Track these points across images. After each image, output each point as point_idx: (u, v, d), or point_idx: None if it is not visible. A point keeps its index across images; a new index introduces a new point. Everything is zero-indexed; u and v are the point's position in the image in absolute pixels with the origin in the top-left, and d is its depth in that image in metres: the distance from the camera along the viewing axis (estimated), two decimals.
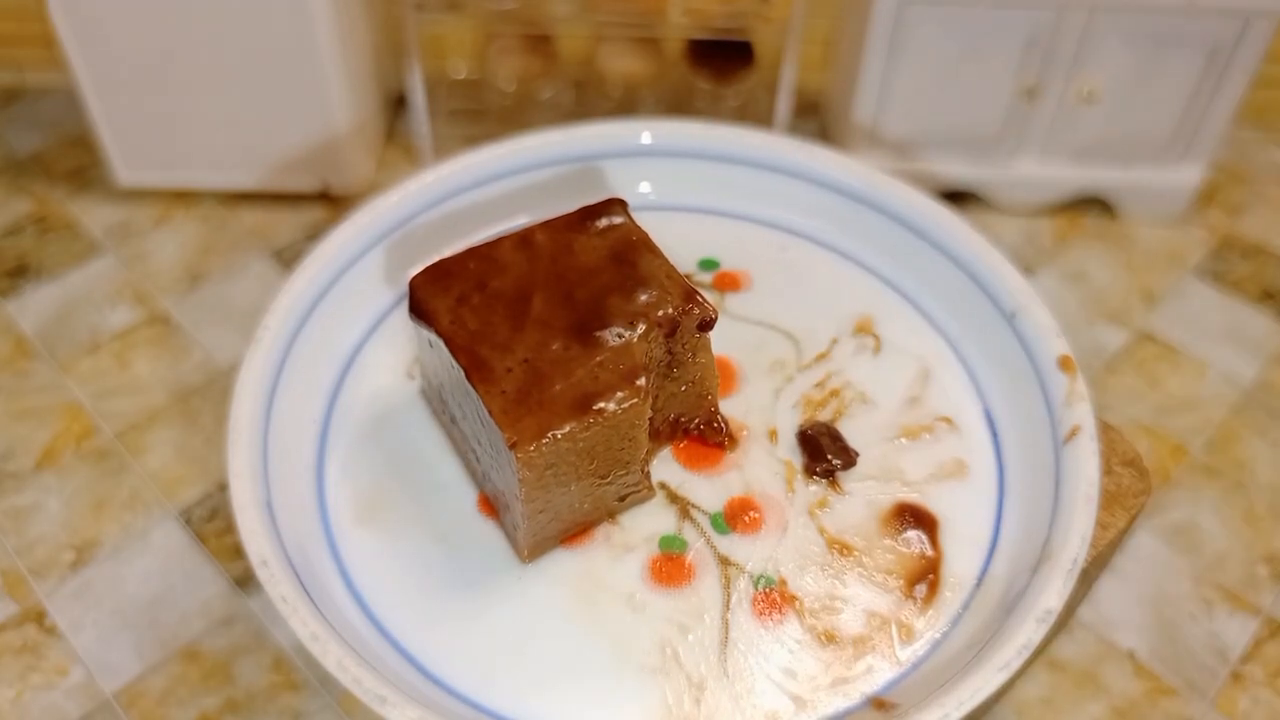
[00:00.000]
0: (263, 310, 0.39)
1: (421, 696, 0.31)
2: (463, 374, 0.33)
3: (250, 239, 0.75)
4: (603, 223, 0.37)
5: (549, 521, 0.34)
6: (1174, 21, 0.71)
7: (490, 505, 0.37)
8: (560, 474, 0.33)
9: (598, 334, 0.34)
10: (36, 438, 0.61)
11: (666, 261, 0.36)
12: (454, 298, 0.35)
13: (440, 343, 0.34)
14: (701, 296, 0.35)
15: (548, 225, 0.37)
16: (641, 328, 0.34)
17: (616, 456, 0.34)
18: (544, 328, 0.34)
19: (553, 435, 0.31)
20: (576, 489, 0.34)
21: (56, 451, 0.60)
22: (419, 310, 0.35)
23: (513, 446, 0.31)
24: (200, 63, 0.68)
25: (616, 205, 0.38)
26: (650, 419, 0.35)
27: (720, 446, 0.38)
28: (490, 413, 0.32)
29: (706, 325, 0.35)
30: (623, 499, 0.36)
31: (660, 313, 0.34)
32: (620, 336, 0.34)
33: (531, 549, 0.35)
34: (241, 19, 0.66)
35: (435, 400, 0.39)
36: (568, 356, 0.33)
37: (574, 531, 0.36)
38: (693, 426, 0.38)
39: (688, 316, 0.35)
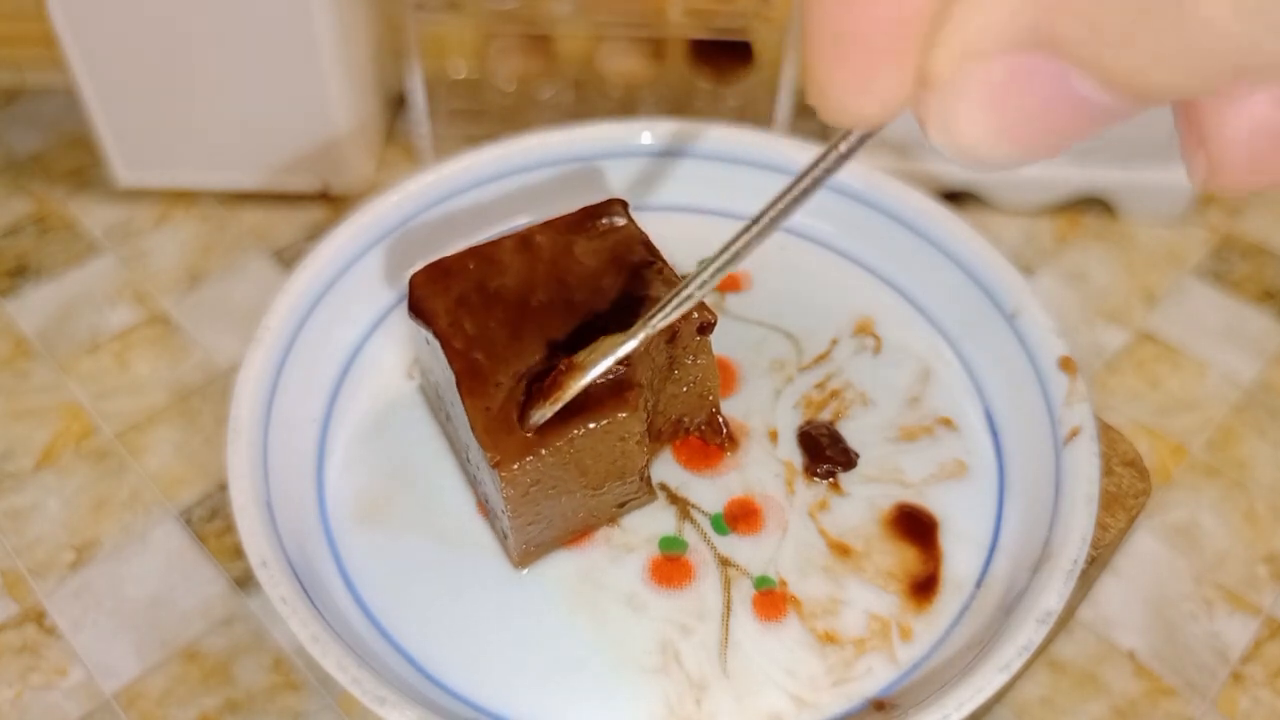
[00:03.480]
0: (263, 310, 0.39)
1: (421, 697, 0.31)
2: (454, 382, 0.33)
3: (250, 239, 0.75)
4: (604, 224, 0.37)
5: (541, 530, 0.34)
6: None
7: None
8: (548, 489, 0.32)
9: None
10: (36, 438, 0.61)
11: (667, 265, 0.36)
12: (453, 298, 0.35)
13: (437, 344, 0.34)
14: (701, 302, 0.35)
15: (549, 226, 0.37)
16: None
17: (609, 469, 0.34)
18: (541, 334, 0.34)
19: (537, 453, 0.31)
20: (568, 500, 0.33)
21: (56, 451, 0.60)
22: (418, 309, 0.35)
23: (496, 465, 0.31)
24: (200, 63, 0.68)
25: (617, 206, 0.38)
26: (652, 421, 0.35)
27: (720, 447, 0.38)
28: (474, 429, 0.31)
29: (706, 329, 0.35)
30: (622, 505, 0.36)
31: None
32: None
33: (522, 556, 0.35)
34: (241, 19, 0.66)
35: (432, 396, 0.39)
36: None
37: (570, 537, 0.35)
38: (693, 427, 0.38)
39: (687, 322, 0.34)
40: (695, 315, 0.35)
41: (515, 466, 0.31)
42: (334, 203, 0.77)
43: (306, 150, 0.72)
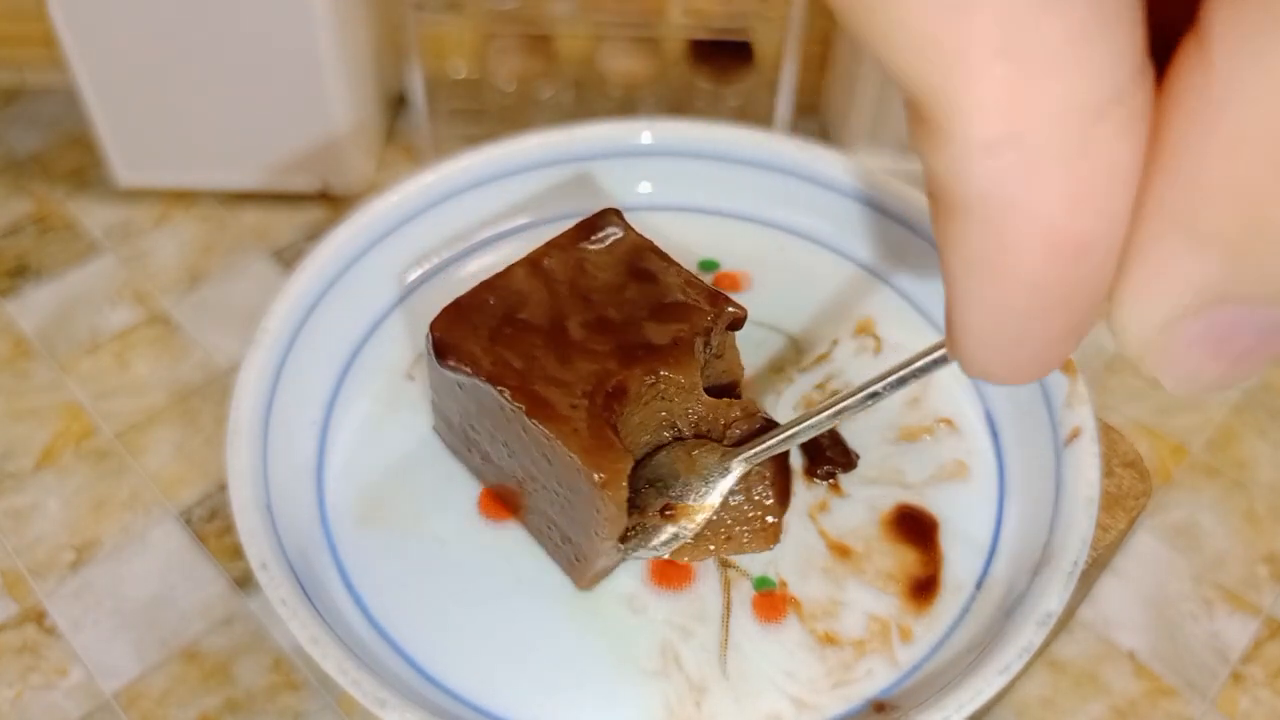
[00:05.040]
0: (263, 310, 0.39)
1: (421, 699, 0.31)
2: (523, 417, 0.31)
3: (250, 239, 0.75)
4: (604, 235, 0.37)
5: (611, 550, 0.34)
6: None
7: (492, 507, 0.37)
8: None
9: (644, 354, 0.33)
10: (36, 438, 0.61)
11: (680, 267, 0.36)
12: (485, 337, 0.33)
13: (484, 386, 0.32)
14: (726, 296, 0.35)
15: (551, 246, 0.36)
16: (682, 343, 0.33)
17: None
18: (588, 356, 0.33)
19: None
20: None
21: (56, 451, 0.60)
22: (452, 354, 0.33)
23: (604, 486, 0.30)
24: (200, 63, 0.68)
25: (612, 216, 0.37)
26: None
27: None
28: (572, 452, 0.30)
29: (736, 325, 0.35)
30: None
31: (694, 322, 0.34)
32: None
33: (594, 578, 0.34)
34: (241, 19, 0.66)
35: (456, 440, 0.38)
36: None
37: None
38: None
39: (719, 319, 0.34)
40: (728, 311, 0.34)
41: (624, 484, 0.30)
42: (334, 203, 0.77)
43: (306, 150, 0.72)
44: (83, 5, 0.65)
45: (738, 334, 0.42)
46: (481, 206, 0.45)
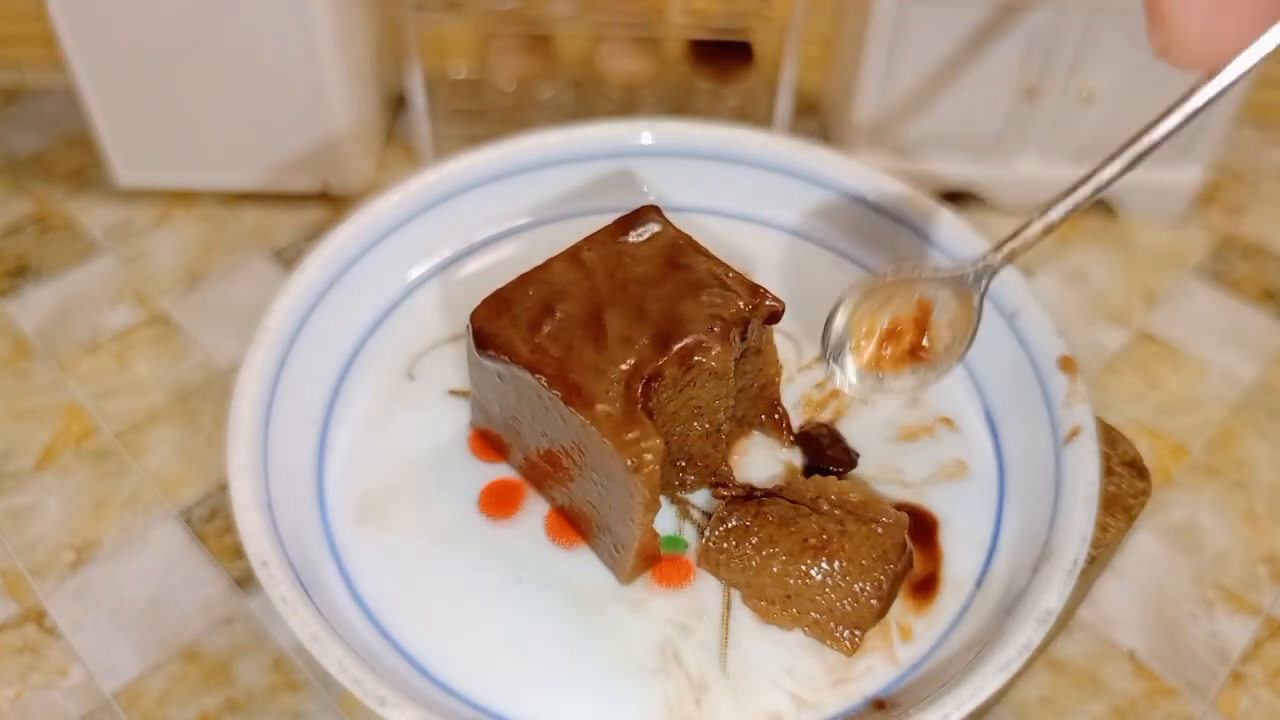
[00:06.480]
0: (263, 310, 0.39)
1: (422, 697, 0.31)
2: (560, 404, 0.32)
3: (250, 239, 0.75)
4: (644, 231, 0.37)
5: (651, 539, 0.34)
6: None
7: (495, 506, 0.37)
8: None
9: (680, 340, 0.33)
10: (36, 438, 0.61)
11: (719, 260, 0.36)
12: (524, 326, 0.34)
13: (522, 374, 0.33)
14: (765, 289, 0.35)
15: (592, 240, 0.37)
16: (719, 329, 0.34)
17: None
18: (626, 344, 0.33)
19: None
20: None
21: (56, 451, 0.60)
22: (491, 344, 0.34)
23: (635, 469, 0.30)
24: (200, 63, 0.68)
25: (652, 212, 0.38)
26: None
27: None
28: (605, 437, 0.31)
29: (774, 318, 0.35)
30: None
31: (731, 311, 0.34)
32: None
33: (634, 570, 0.34)
34: (241, 19, 0.66)
35: (496, 435, 0.38)
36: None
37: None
38: (755, 419, 0.38)
39: (757, 311, 0.34)
40: (766, 304, 0.35)
41: (649, 457, 0.31)
42: (334, 203, 0.77)
43: (306, 150, 0.72)
44: (83, 5, 0.65)
45: None
46: (481, 206, 0.45)
